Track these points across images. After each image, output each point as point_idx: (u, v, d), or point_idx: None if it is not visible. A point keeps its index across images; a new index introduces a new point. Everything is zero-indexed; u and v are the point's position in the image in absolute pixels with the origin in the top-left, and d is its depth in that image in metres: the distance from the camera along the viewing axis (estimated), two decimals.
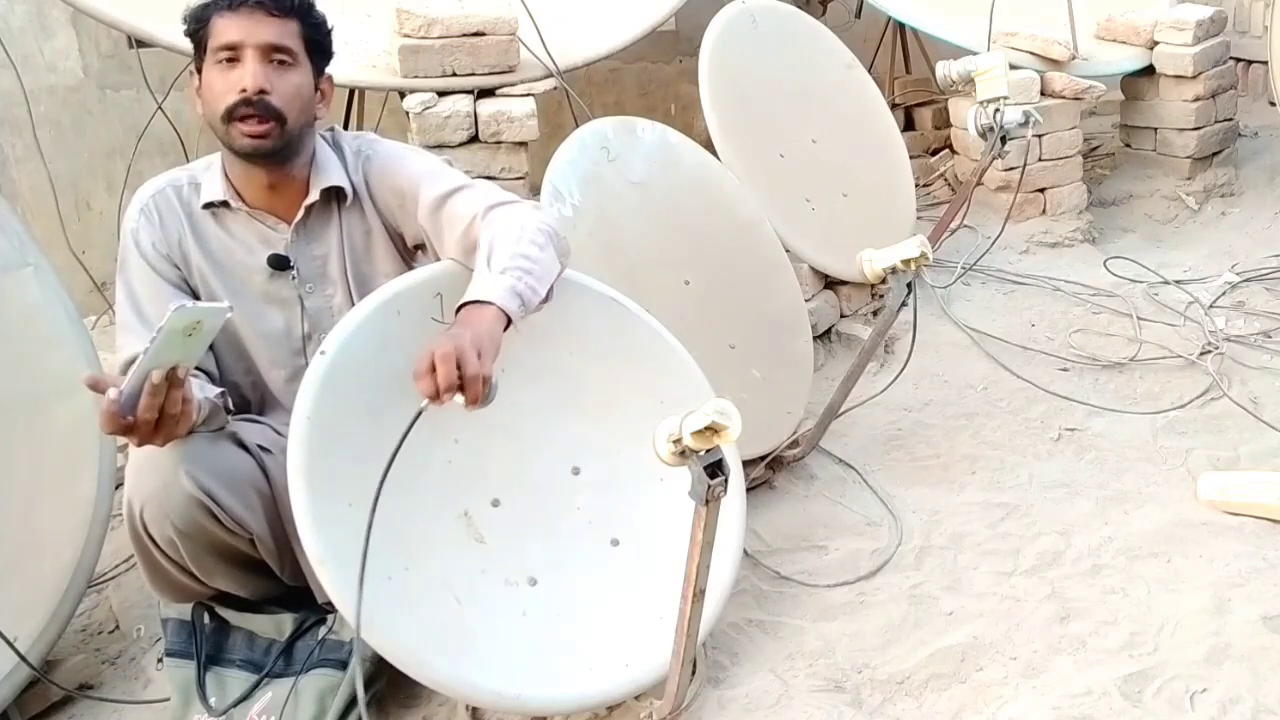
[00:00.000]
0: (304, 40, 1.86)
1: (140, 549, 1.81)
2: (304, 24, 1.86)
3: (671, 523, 1.79)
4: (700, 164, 2.75)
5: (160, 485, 1.73)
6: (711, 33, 3.15)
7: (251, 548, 1.85)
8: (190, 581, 1.86)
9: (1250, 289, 3.47)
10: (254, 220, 1.91)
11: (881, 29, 4.49)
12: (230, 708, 1.86)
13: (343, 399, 1.70)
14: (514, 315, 1.69)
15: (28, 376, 1.99)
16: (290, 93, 1.82)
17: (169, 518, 1.74)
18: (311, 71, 1.88)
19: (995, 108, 3.18)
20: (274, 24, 1.81)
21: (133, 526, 1.78)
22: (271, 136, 1.81)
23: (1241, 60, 4.91)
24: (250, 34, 1.79)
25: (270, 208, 1.91)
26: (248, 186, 1.90)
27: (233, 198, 1.89)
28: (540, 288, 1.75)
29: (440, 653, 1.65)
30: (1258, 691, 1.81)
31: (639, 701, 1.81)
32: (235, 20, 1.79)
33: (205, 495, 1.73)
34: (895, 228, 3.23)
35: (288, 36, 1.83)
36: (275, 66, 1.81)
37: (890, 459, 2.68)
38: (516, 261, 1.73)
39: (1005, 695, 1.84)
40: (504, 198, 1.91)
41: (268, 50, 1.80)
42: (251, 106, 1.78)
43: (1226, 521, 2.30)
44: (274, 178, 1.89)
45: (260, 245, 1.91)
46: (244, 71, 1.78)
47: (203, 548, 1.80)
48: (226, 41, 1.79)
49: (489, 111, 2.86)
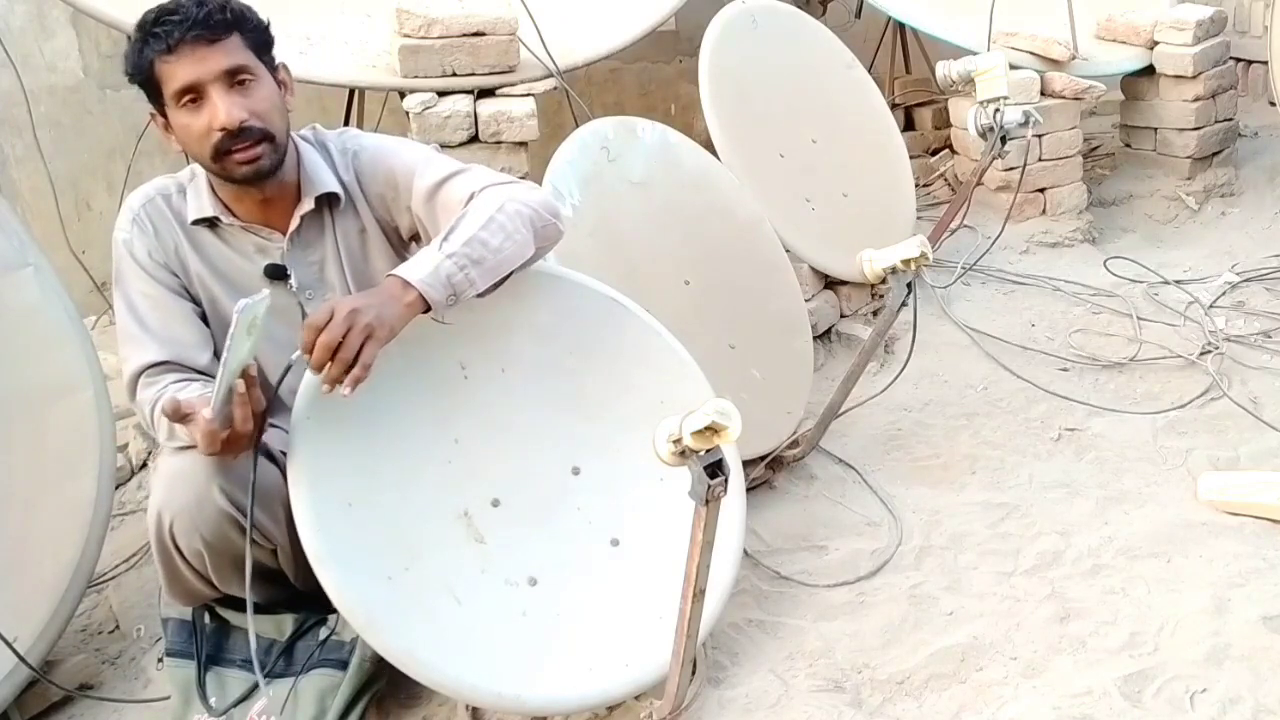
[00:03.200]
0: (251, 48, 1.78)
1: (164, 558, 1.80)
2: (243, 33, 1.77)
3: (671, 523, 1.79)
4: (700, 164, 2.75)
5: (193, 499, 1.72)
6: (711, 33, 3.15)
7: (273, 558, 1.85)
8: (206, 588, 1.85)
9: (1250, 289, 3.47)
10: (247, 233, 1.88)
11: (881, 29, 4.49)
12: (230, 708, 1.86)
13: (342, 399, 1.69)
14: (435, 304, 1.67)
15: (28, 376, 1.99)
16: (265, 108, 1.77)
17: (199, 531, 1.73)
18: (269, 73, 1.82)
19: (995, 108, 3.18)
20: (219, 49, 1.72)
21: (159, 537, 1.76)
22: (266, 155, 1.77)
23: (1241, 60, 4.91)
24: (202, 69, 1.71)
25: (263, 220, 1.88)
26: (239, 203, 1.87)
27: (222, 213, 1.86)
28: (483, 281, 1.72)
29: (440, 653, 1.65)
30: (1258, 691, 1.81)
31: (639, 701, 1.81)
32: (180, 62, 1.70)
33: (237, 510, 1.72)
34: (895, 228, 3.23)
35: (237, 55, 1.74)
36: (239, 88, 1.74)
37: (890, 459, 2.68)
38: (468, 247, 1.70)
39: (1005, 695, 1.84)
40: (498, 179, 1.87)
41: (226, 77, 1.73)
42: (236, 137, 1.74)
43: (1226, 521, 2.30)
44: (266, 192, 1.85)
45: (257, 254, 1.89)
46: (213, 108, 1.72)
47: (228, 559, 1.78)
48: (182, 85, 1.71)
49: (489, 111, 2.86)
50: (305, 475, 1.63)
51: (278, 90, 1.83)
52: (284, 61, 1.88)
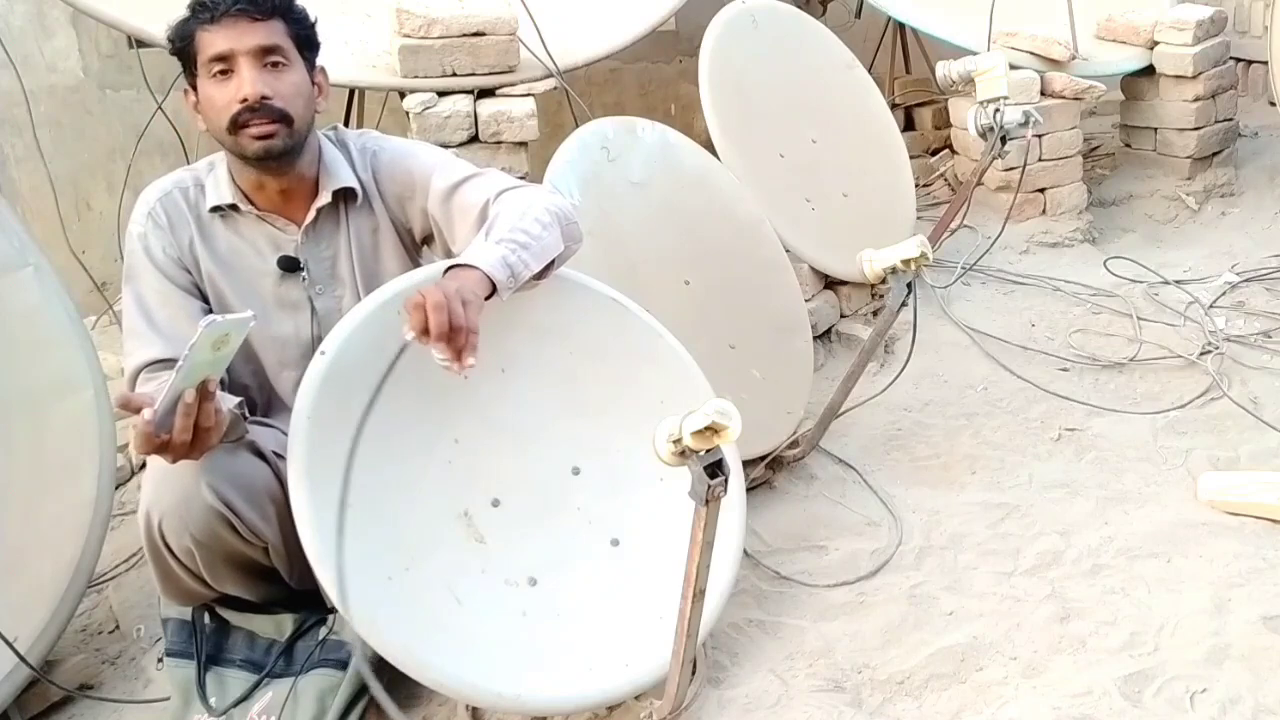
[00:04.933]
0: (292, 38, 1.84)
1: (155, 558, 1.81)
2: (288, 21, 1.84)
3: (671, 523, 1.79)
4: (700, 164, 2.75)
5: (181, 498, 1.72)
6: (711, 33, 3.15)
7: (265, 556, 1.85)
8: (200, 587, 1.86)
9: (1250, 289, 3.47)
10: (263, 222, 1.90)
11: (881, 29, 4.49)
12: (230, 707, 1.86)
13: (343, 399, 1.69)
14: (500, 284, 1.68)
15: (28, 376, 1.99)
16: (290, 92, 1.82)
17: (188, 529, 1.74)
18: (305, 67, 1.87)
19: (995, 108, 3.18)
20: (259, 27, 1.79)
21: (149, 537, 1.77)
22: (280, 135, 1.80)
23: (1241, 60, 4.91)
24: (239, 41, 1.77)
25: (280, 210, 1.91)
26: (258, 192, 1.90)
27: (241, 201, 1.89)
28: (534, 263, 1.75)
29: (440, 653, 1.65)
30: (1258, 691, 1.80)
31: (639, 701, 1.81)
32: (220, 31, 1.77)
33: (225, 507, 1.73)
34: (895, 228, 3.23)
35: (276, 36, 1.81)
36: (270, 69, 1.80)
37: (890, 459, 2.68)
38: (513, 235, 1.73)
39: (1005, 695, 1.84)
40: (515, 183, 1.91)
41: (260, 54, 1.78)
42: (255, 112, 1.78)
43: (1226, 521, 2.30)
44: (285, 182, 1.88)
45: (269, 247, 1.91)
46: (240, 80, 1.77)
47: (219, 557, 1.80)
48: (216, 53, 1.77)
49: (489, 111, 2.86)
50: (305, 475, 1.63)
51: (309, 84, 1.87)
52: (324, 66, 1.94)
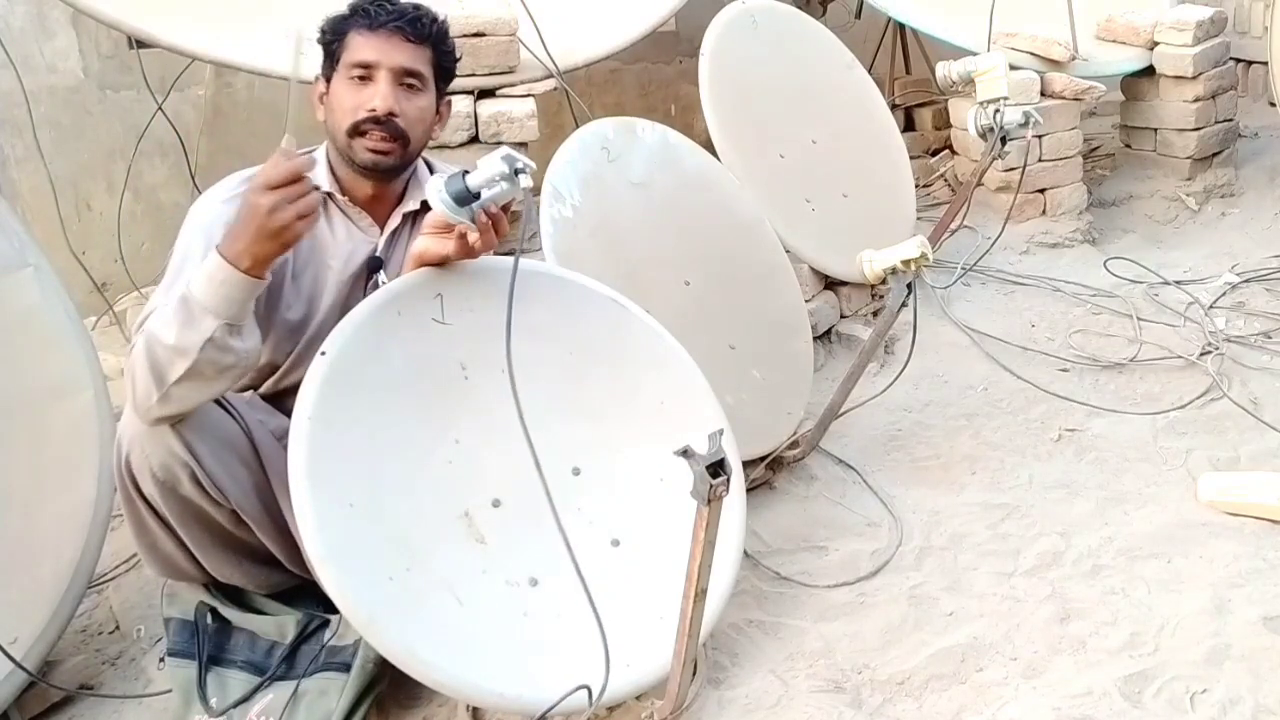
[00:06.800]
0: (434, 66, 1.90)
1: (128, 505, 1.84)
2: (437, 51, 1.90)
3: (671, 523, 1.79)
4: (700, 164, 2.75)
5: (147, 429, 1.75)
6: (711, 33, 3.15)
7: (240, 526, 1.86)
8: (186, 561, 1.88)
9: (1250, 289, 3.47)
10: (348, 218, 1.95)
11: (881, 29, 4.49)
12: (230, 708, 1.85)
13: (344, 399, 1.70)
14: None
15: (28, 376, 1.99)
16: (416, 116, 1.87)
17: (149, 463, 1.76)
18: (435, 95, 1.92)
19: (995, 108, 3.19)
20: (410, 49, 1.85)
21: (119, 471, 1.81)
22: (394, 154, 1.86)
23: (1241, 61, 4.91)
24: (386, 55, 1.83)
25: (366, 208, 1.96)
26: (352, 189, 1.94)
27: (336, 191, 1.93)
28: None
29: (441, 653, 1.64)
30: (1258, 692, 1.81)
31: (639, 701, 1.81)
32: (373, 40, 1.83)
33: (186, 450, 1.75)
34: (895, 228, 3.23)
35: (420, 62, 1.87)
36: (405, 89, 1.86)
37: (890, 459, 2.68)
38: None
39: (1005, 696, 1.84)
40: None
41: (401, 73, 1.85)
42: (379, 126, 1.82)
43: (1226, 522, 2.30)
44: (378, 190, 1.94)
45: (346, 241, 1.94)
46: (375, 91, 1.83)
47: (190, 515, 1.82)
48: (362, 60, 1.83)
49: (489, 112, 2.86)
50: (306, 475, 1.63)
51: (433, 111, 1.94)
52: (451, 99, 2.04)
